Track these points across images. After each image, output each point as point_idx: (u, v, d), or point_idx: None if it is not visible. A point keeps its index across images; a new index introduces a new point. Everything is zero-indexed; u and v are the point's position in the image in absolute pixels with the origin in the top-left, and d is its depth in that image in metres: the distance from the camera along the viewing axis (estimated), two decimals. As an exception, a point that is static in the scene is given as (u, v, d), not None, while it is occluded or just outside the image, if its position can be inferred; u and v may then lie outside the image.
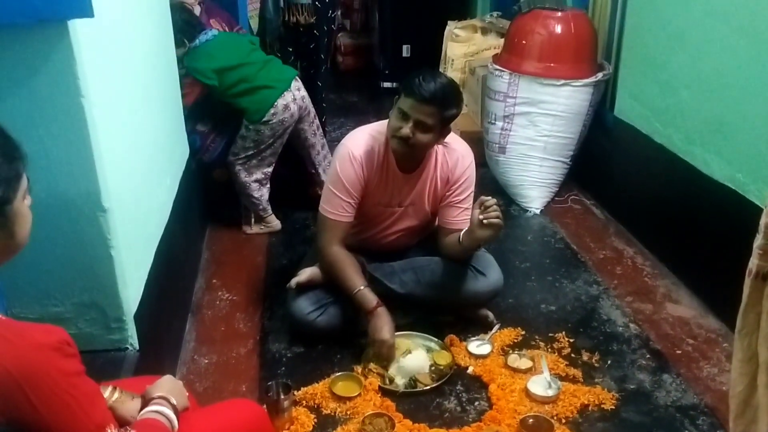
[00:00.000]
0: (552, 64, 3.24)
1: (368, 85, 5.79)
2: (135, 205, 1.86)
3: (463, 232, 2.23)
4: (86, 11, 1.37)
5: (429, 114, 2.07)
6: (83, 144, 1.51)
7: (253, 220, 3.21)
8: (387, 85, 5.53)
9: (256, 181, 3.11)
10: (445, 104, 2.08)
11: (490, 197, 2.11)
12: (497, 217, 2.08)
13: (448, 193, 2.31)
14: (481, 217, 2.09)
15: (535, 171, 3.36)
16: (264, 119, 2.94)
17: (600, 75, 3.24)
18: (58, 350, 0.97)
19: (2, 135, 1.00)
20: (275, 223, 3.23)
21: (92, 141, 1.52)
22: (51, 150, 1.51)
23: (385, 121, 2.26)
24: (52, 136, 1.49)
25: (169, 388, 1.26)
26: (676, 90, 2.70)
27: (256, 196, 3.13)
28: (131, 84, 1.99)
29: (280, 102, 2.95)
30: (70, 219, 1.57)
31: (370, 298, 2.21)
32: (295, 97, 3.02)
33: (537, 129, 3.29)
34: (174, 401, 1.24)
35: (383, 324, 2.18)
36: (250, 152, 3.03)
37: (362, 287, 2.22)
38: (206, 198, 3.27)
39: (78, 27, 1.43)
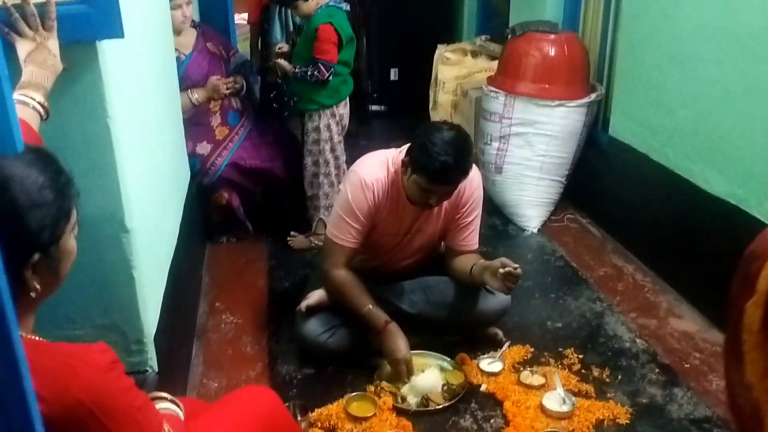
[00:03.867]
0: (546, 86, 3.30)
1: (356, 109, 5.81)
2: (152, 226, 1.85)
3: (476, 267, 2.22)
4: (117, 32, 1.38)
5: (453, 189, 2.12)
6: (109, 165, 1.51)
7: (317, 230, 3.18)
8: (375, 108, 5.56)
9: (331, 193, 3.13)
10: (465, 174, 2.10)
11: (518, 268, 2.08)
12: (512, 287, 2.12)
13: (457, 216, 2.31)
14: (501, 276, 2.09)
15: (531, 190, 3.40)
16: (338, 103, 3.04)
17: (593, 95, 3.31)
18: (114, 369, 0.97)
19: (56, 168, 0.96)
20: (319, 240, 3.16)
21: (117, 162, 1.52)
22: (75, 171, 1.48)
23: (394, 151, 2.25)
24: (77, 157, 1.48)
25: None
26: (672, 109, 2.77)
27: (327, 207, 3.13)
28: (147, 105, 1.99)
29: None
30: (93, 241, 1.55)
31: (378, 316, 2.20)
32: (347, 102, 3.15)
33: (533, 149, 3.35)
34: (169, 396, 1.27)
35: (396, 342, 2.17)
36: (327, 155, 3.07)
37: (370, 306, 2.21)
38: (205, 221, 3.26)
39: (106, 48, 1.44)
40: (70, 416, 0.90)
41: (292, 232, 3.25)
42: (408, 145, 2.17)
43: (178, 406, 1.28)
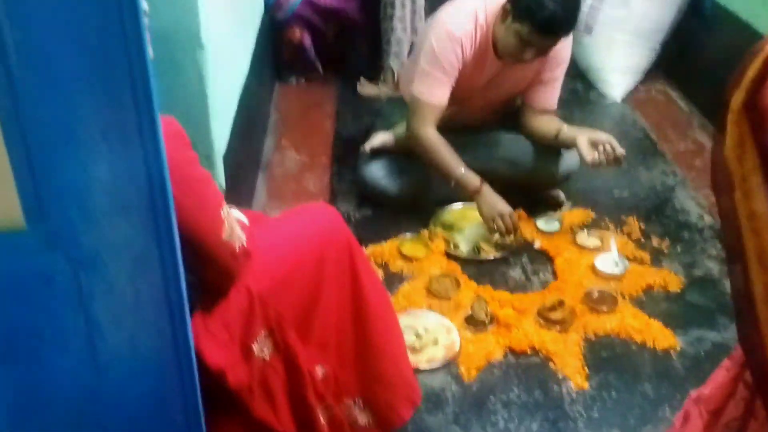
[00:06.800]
0: (653, -62, 2.99)
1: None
2: (225, 48, 1.87)
3: (568, 129, 2.17)
4: None
5: (552, 44, 1.99)
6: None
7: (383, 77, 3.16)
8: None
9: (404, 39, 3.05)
10: (569, 30, 1.99)
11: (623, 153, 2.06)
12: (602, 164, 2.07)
13: (541, 69, 2.19)
14: (603, 151, 2.06)
15: (621, 55, 3.19)
16: None
17: (703, -47, 2.99)
18: (179, 138, 1.02)
19: None
20: (388, 89, 3.14)
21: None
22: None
23: (483, 1, 2.09)
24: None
25: None
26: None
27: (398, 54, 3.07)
28: None
29: None
30: (169, 53, 1.57)
31: (472, 178, 2.14)
32: None
33: (629, 9, 3.09)
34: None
35: (494, 199, 2.13)
36: None
37: (463, 169, 2.14)
38: (276, 60, 3.25)
39: None
40: None
41: (362, 78, 3.22)
42: None
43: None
